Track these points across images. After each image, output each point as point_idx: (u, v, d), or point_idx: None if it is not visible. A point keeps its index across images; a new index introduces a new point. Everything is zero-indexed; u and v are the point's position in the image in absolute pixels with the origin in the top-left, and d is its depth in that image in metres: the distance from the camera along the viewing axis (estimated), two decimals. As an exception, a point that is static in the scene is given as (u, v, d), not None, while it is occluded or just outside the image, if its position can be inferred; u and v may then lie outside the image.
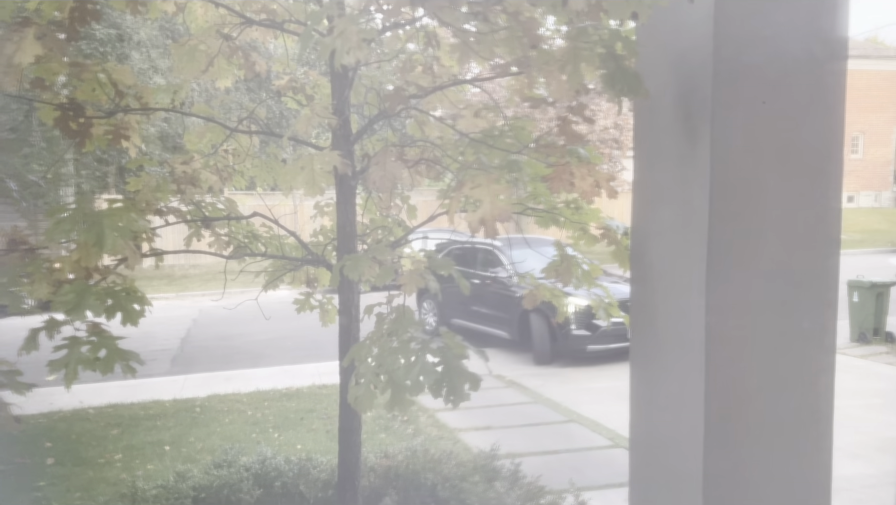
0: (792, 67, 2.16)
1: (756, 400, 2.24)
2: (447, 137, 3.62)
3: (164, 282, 19.73)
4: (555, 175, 2.67)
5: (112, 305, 2.32)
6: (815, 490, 2.28)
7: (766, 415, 2.23)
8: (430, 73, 3.67)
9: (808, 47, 2.18)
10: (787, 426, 2.24)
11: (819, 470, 2.28)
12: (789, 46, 2.15)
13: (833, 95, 2.26)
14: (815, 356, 2.26)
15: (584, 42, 2.01)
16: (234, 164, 3.58)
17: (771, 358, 2.23)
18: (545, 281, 3.68)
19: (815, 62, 2.18)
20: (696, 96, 2.15)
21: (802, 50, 2.17)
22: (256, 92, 13.37)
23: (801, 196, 2.25)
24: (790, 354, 2.24)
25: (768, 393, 2.23)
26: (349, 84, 3.18)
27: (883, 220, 25.58)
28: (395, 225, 3.61)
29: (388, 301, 2.77)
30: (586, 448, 6.73)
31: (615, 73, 1.95)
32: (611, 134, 21.59)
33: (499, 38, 2.58)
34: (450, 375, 2.25)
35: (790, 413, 2.23)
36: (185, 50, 3.25)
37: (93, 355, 2.24)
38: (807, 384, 2.25)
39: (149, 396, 8.48)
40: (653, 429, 2.51)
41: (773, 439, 2.24)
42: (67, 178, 14.68)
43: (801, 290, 2.26)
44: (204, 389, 8.80)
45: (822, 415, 2.27)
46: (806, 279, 2.26)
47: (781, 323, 2.24)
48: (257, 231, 3.57)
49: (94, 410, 7.94)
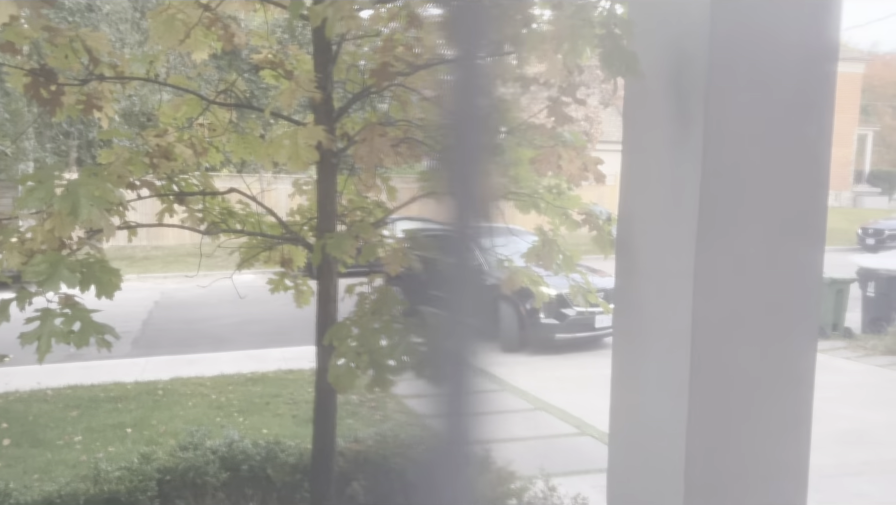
0: (788, 60, 2.17)
1: (740, 386, 2.25)
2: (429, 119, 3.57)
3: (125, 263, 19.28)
4: (542, 157, 2.64)
5: (86, 276, 2.23)
6: (793, 474, 2.30)
7: (750, 401, 2.25)
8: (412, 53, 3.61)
9: (804, 42, 2.19)
10: (769, 412, 2.26)
11: (798, 455, 2.31)
12: (786, 38, 2.15)
13: (823, 95, 2.27)
14: (799, 343, 2.28)
15: (581, 20, 1.98)
16: (210, 137, 3.48)
17: (755, 345, 2.24)
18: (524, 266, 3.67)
19: (810, 58, 2.19)
20: (691, 81, 2.14)
21: (798, 43, 2.17)
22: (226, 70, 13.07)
23: (790, 189, 2.26)
24: (774, 342, 2.26)
25: (752, 379, 2.25)
26: (333, 59, 3.11)
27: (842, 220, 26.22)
28: (375, 206, 3.55)
29: (369, 281, 2.72)
30: (553, 435, 6.78)
31: (612, 53, 1.93)
32: (582, 127, 21.70)
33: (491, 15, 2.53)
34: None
35: (773, 399, 2.25)
36: (162, 18, 3.14)
37: (66, 328, 2.16)
38: (789, 371, 2.27)
39: (109, 378, 8.28)
40: (635, 415, 2.52)
41: (756, 425, 2.25)
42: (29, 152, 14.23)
43: (785, 279, 2.28)
44: (166, 372, 8.63)
45: (803, 400, 2.30)
46: (791, 270, 2.28)
47: (767, 311, 2.25)
48: (233, 208, 3.48)
49: (52, 392, 7.73)
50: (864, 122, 36.72)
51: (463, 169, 1.03)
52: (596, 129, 22.05)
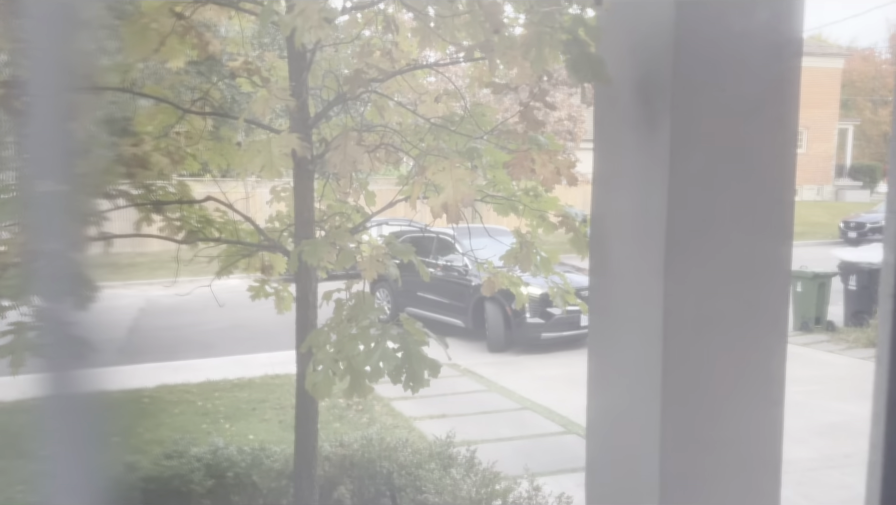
0: (751, 60, 2.20)
1: (712, 382, 2.28)
2: (406, 123, 3.59)
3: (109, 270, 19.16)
4: (516, 161, 2.67)
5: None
6: (767, 466, 2.34)
7: (722, 396, 2.28)
8: (389, 57, 3.63)
9: (767, 41, 2.22)
10: (741, 407, 2.29)
11: (772, 447, 2.35)
12: (749, 38, 2.18)
13: (788, 91, 2.30)
14: (769, 340, 2.32)
15: (547, 27, 2.00)
16: (187, 146, 3.48)
17: (726, 341, 2.28)
18: (503, 268, 3.69)
19: (773, 55, 2.23)
20: (657, 85, 2.17)
21: (761, 43, 2.20)
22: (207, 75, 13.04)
23: (757, 187, 2.29)
24: (745, 338, 2.29)
25: (724, 375, 2.28)
26: (307, 66, 3.12)
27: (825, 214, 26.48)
28: (354, 211, 3.57)
29: (346, 287, 2.73)
30: (540, 434, 6.81)
31: (579, 59, 1.95)
32: (565, 126, 21.79)
33: (461, 21, 2.56)
34: (410, 362, 2.24)
35: (744, 394, 2.28)
36: (136, 28, 3.14)
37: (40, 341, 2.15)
38: (761, 366, 2.31)
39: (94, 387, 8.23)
40: (609, 412, 2.54)
41: (728, 420, 2.29)
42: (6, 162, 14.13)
43: (755, 277, 2.31)
44: (152, 380, 8.59)
45: (775, 396, 2.33)
46: (760, 267, 2.31)
47: (737, 308, 2.29)
48: (210, 216, 3.48)
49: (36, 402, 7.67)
50: (844, 116, 37.07)
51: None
52: (580, 128, 22.14)
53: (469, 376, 8.99)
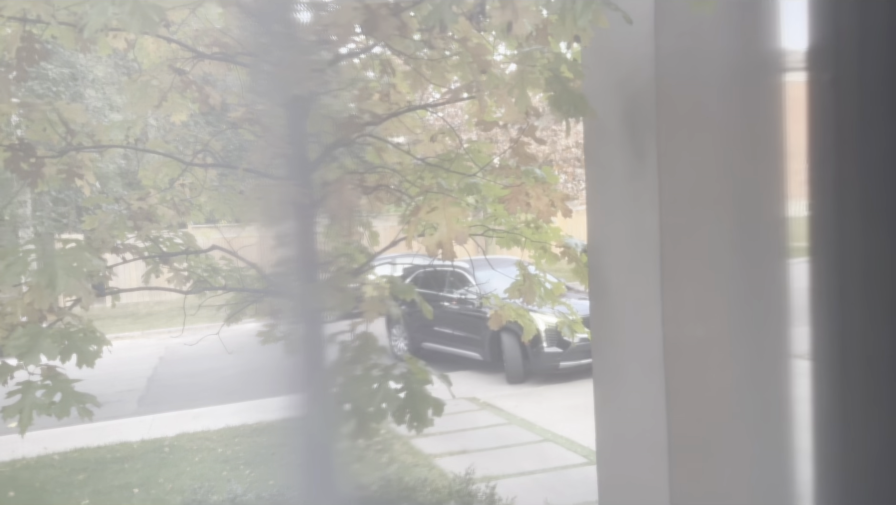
0: (732, 82, 2.23)
1: (717, 407, 2.27)
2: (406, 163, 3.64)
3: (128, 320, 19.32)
4: (511, 196, 2.70)
5: (67, 347, 2.28)
6: (780, 492, 2.31)
7: (728, 421, 2.27)
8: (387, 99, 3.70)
9: (747, 62, 2.25)
10: (748, 431, 2.27)
11: (783, 472, 2.32)
12: (728, 61, 2.22)
13: (774, 107, 2.33)
14: (772, 362, 2.30)
15: (529, 66, 2.05)
16: (192, 197, 3.55)
17: (729, 365, 2.27)
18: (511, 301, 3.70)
19: (754, 76, 2.26)
20: (642, 114, 2.20)
21: (741, 64, 2.23)
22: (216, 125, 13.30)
23: (750, 207, 2.30)
24: (747, 361, 2.28)
25: (729, 399, 2.27)
26: (304, 114, 3.19)
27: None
28: (358, 252, 3.60)
29: (351, 329, 2.76)
30: (561, 467, 6.73)
31: (561, 96, 1.99)
32: (573, 153, 21.86)
33: (450, 64, 2.62)
34: (413, 401, 2.25)
35: (751, 418, 2.27)
36: (137, 86, 3.24)
37: (48, 400, 2.19)
38: (766, 390, 2.29)
39: (116, 438, 8.27)
40: (618, 442, 2.53)
41: (736, 446, 2.27)
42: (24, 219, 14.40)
43: (754, 298, 2.31)
44: (172, 429, 8.62)
45: (784, 418, 2.31)
46: (758, 287, 2.31)
47: (737, 330, 2.28)
48: (217, 264, 3.54)
49: (59, 456, 7.72)
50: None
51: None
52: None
53: (488, 410, 8.93)
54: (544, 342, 9.69)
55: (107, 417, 8.44)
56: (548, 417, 8.35)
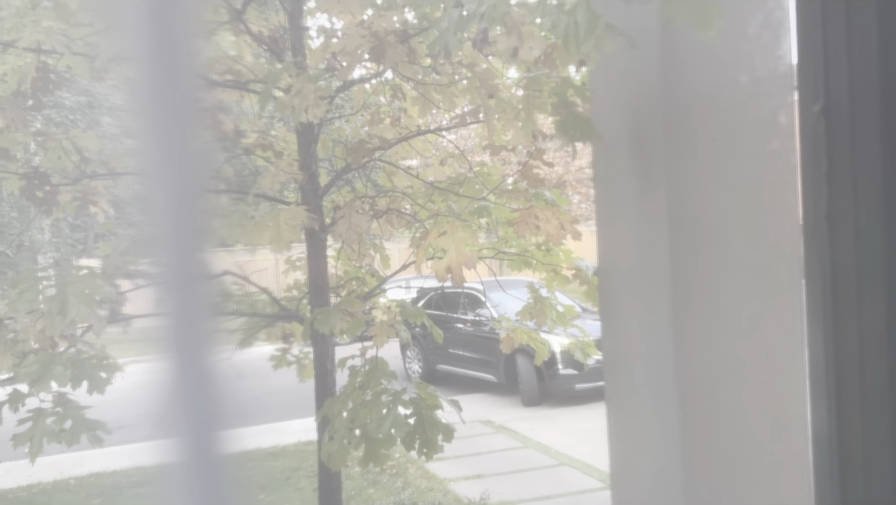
0: (740, 103, 2.22)
1: (732, 430, 2.23)
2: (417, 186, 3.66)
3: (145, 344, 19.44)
4: (520, 219, 2.69)
5: (77, 374, 2.28)
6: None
7: (743, 441, 2.22)
8: (398, 124, 3.73)
9: (754, 82, 2.24)
10: (763, 452, 2.23)
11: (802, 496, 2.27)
12: (736, 82, 2.21)
13: (783, 125, 2.31)
14: (785, 380, 2.27)
15: (535, 90, 2.05)
16: (204, 223, 3.58)
17: (743, 385, 2.23)
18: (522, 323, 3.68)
19: (762, 96, 2.24)
20: (650, 136, 2.19)
21: (749, 85, 2.22)
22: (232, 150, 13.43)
23: (760, 228, 2.28)
24: (761, 381, 2.24)
25: (743, 420, 2.23)
26: (315, 139, 3.22)
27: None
28: (369, 275, 3.61)
29: (361, 353, 2.75)
30: (578, 491, 6.64)
31: (567, 120, 1.99)
32: (587, 173, 21.86)
33: (458, 88, 2.63)
34: (422, 427, 2.23)
35: (765, 439, 2.23)
36: (150, 114, 3.28)
37: (58, 427, 2.20)
38: (779, 409, 2.25)
39: (132, 463, 8.27)
40: (632, 466, 2.49)
41: (752, 467, 2.23)
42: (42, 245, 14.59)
43: (766, 318, 2.28)
44: (188, 452, 8.60)
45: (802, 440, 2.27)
46: (770, 307, 2.28)
47: (750, 351, 2.25)
48: (228, 289, 3.55)
49: (75, 481, 7.73)
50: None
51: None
52: (602, 175, 22.19)
53: (504, 433, 8.85)
54: (560, 364, 9.61)
55: (123, 441, 8.47)
56: (564, 440, 8.26)
